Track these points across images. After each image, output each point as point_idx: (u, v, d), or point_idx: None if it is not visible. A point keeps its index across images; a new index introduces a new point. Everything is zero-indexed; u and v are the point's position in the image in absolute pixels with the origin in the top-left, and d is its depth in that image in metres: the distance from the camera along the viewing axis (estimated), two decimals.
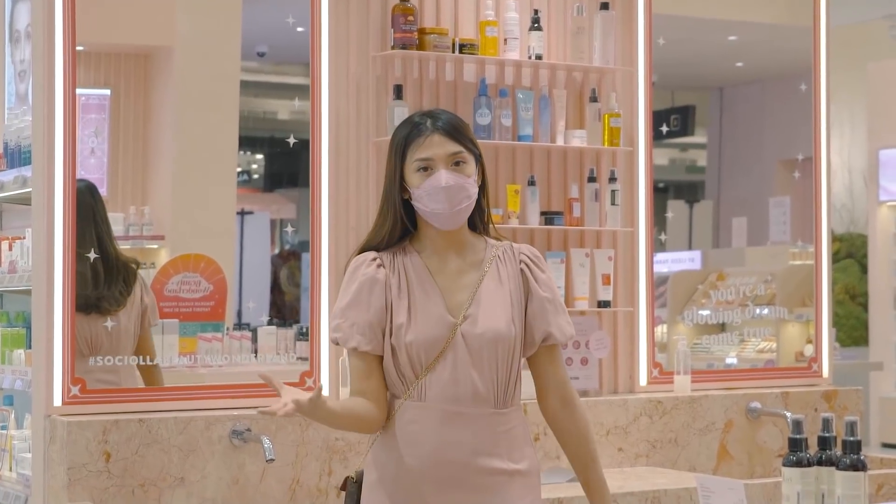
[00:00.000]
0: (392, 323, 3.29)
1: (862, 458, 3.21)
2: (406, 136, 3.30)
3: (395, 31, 5.03)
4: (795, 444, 3.26)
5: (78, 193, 4.67)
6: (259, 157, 5.94)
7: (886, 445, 11.91)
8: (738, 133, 7.07)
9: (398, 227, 3.36)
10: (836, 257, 13.15)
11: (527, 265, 3.37)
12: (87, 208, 4.73)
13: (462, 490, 3.25)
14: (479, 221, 3.39)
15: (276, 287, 5.62)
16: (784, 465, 3.25)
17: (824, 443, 3.27)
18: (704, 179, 7.15)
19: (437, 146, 3.27)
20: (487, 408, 3.27)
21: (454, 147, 3.28)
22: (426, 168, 3.27)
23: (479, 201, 3.36)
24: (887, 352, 12.32)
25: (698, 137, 7.21)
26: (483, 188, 3.37)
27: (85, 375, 4.54)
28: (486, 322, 3.28)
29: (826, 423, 3.29)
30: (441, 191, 3.24)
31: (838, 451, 3.25)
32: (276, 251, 5.87)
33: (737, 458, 5.51)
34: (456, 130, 3.30)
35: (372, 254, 3.37)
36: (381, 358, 3.32)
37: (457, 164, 3.28)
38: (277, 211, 6.00)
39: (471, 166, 3.31)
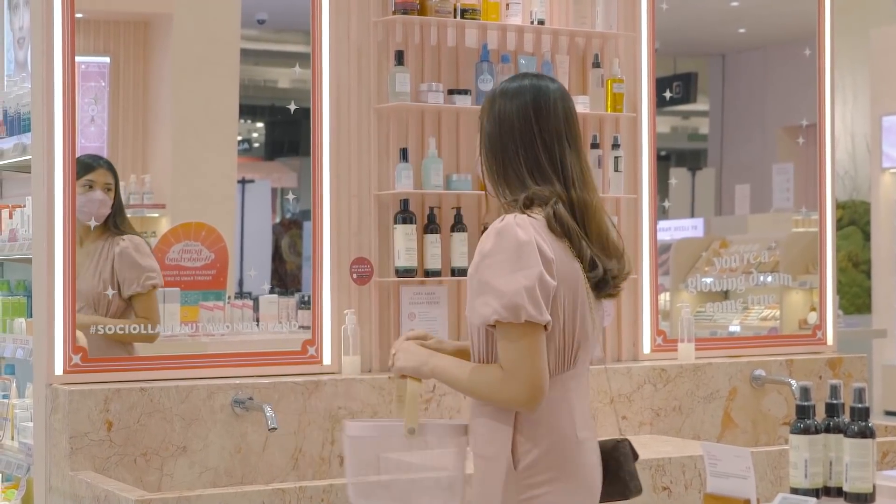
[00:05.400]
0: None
1: (870, 425, 3.19)
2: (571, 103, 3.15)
3: None
4: (803, 412, 3.23)
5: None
6: (259, 125, 5.90)
7: (889, 413, 11.91)
8: (740, 100, 7.02)
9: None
10: (839, 224, 13.08)
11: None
12: None
13: None
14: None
15: (277, 256, 5.59)
16: (791, 432, 3.22)
17: (832, 410, 3.24)
18: (707, 147, 7.10)
19: None
20: None
21: None
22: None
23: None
24: (890, 319, 12.30)
25: (700, 105, 7.16)
26: None
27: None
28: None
29: (834, 390, 3.26)
30: None
31: (846, 418, 3.23)
32: (278, 220, 5.84)
33: (741, 426, 5.50)
34: None
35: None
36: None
37: None
38: (278, 179, 5.96)
39: None
